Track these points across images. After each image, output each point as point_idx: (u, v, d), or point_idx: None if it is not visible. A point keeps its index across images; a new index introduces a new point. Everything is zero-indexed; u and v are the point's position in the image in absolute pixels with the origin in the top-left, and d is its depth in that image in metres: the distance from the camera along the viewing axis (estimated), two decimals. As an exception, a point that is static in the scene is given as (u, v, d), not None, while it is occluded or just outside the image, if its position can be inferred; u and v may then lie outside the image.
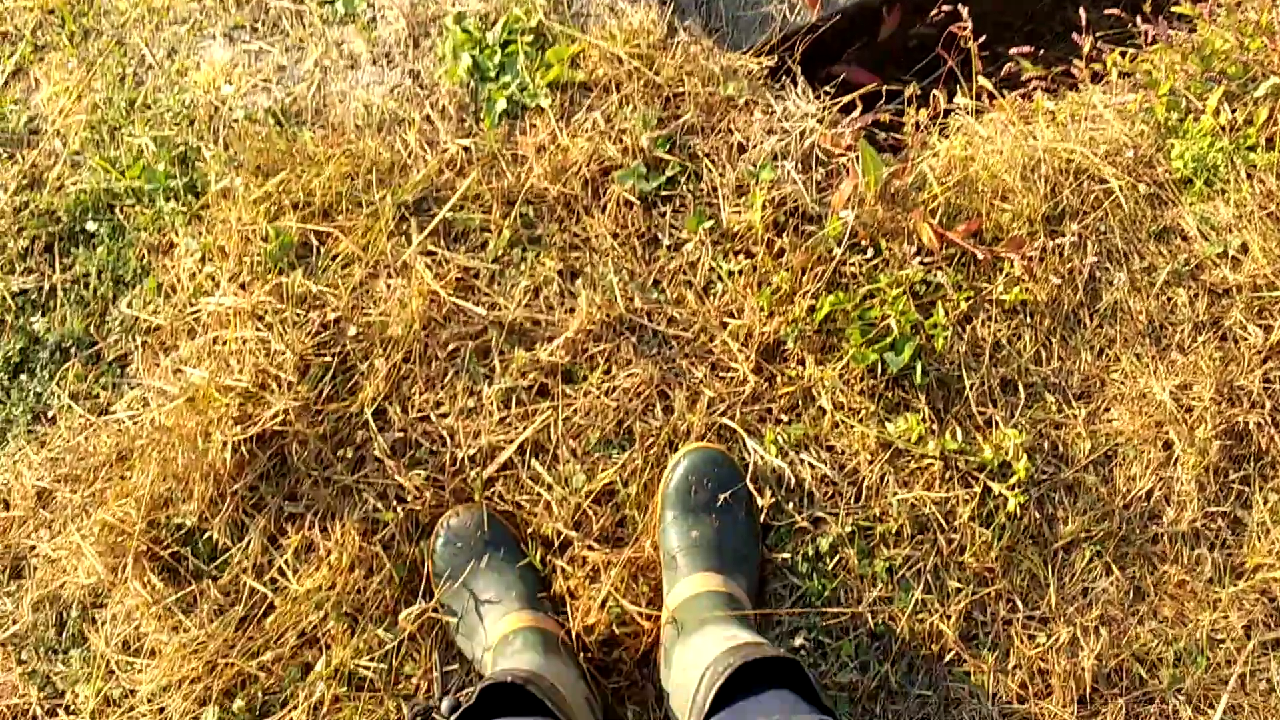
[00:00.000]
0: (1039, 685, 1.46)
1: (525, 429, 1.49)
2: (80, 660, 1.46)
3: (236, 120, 1.64)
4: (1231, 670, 1.48)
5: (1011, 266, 1.55)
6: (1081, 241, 1.61)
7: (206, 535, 1.45)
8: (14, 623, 1.48)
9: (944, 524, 1.47)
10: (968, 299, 1.54)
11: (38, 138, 1.70)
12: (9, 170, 1.67)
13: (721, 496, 1.43)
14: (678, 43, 1.68)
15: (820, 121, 1.63)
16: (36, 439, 1.54)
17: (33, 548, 1.50)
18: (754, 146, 1.63)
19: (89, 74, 1.72)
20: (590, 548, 1.45)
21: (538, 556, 1.46)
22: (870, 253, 1.56)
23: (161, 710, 1.43)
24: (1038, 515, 1.49)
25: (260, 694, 1.42)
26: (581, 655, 1.42)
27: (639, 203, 1.59)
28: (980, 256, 1.54)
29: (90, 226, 1.61)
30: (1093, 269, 1.60)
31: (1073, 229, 1.60)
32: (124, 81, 1.71)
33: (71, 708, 1.45)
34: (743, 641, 1.26)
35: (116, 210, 1.62)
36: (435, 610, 1.43)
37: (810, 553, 1.46)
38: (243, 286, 1.54)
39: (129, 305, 1.58)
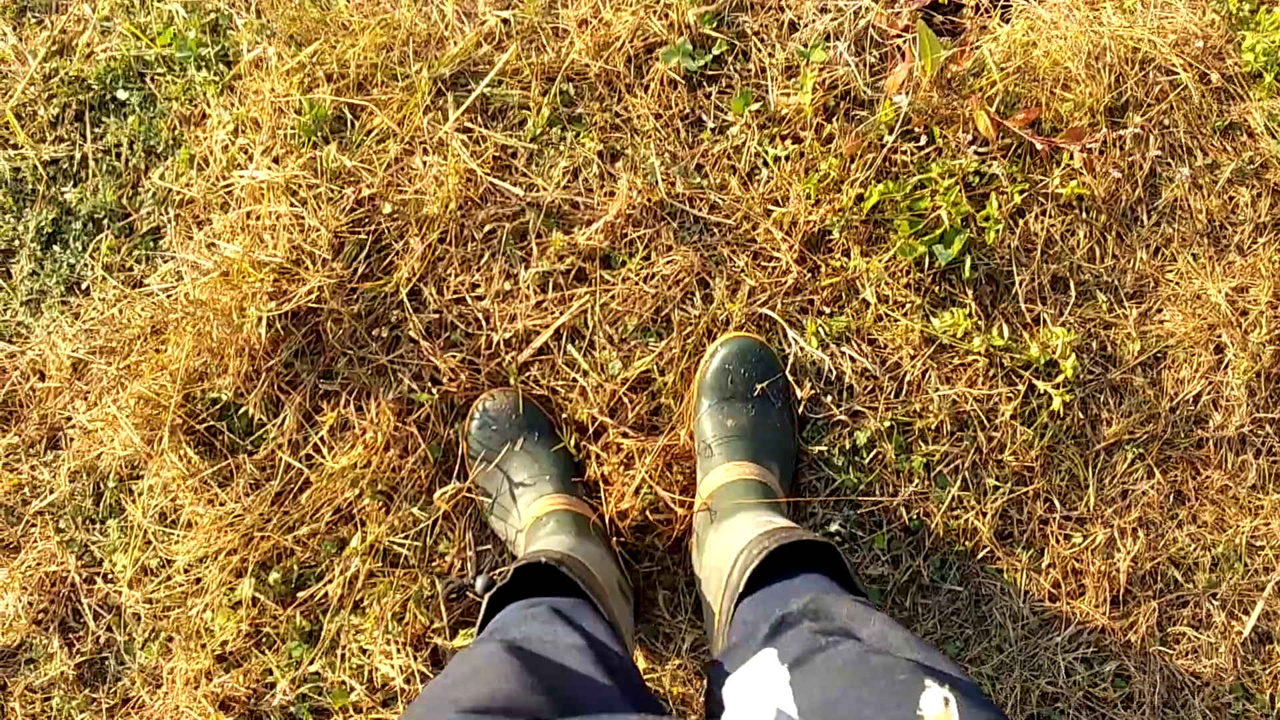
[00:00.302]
0: (1072, 585, 1.46)
1: (562, 314, 1.46)
2: (117, 530, 1.47)
3: (268, -14, 1.59)
4: (1269, 577, 1.47)
5: (1070, 159, 1.49)
6: (1144, 135, 1.54)
7: (242, 410, 1.44)
8: (51, 492, 1.49)
9: (985, 421, 1.45)
10: (1022, 192, 1.49)
11: (66, 3, 1.65)
12: (38, 36, 1.62)
13: (759, 386, 1.40)
14: (728, -87, 1.60)
15: (877, 0, 1.55)
16: (71, 311, 1.53)
17: (69, 419, 1.51)
18: (805, 25, 1.55)
19: (116, -65, 1.65)
20: (625, 435, 1.44)
21: (572, 442, 1.45)
22: (923, 141, 1.50)
23: (198, 581, 1.45)
24: (1081, 416, 1.47)
25: (296, 567, 1.43)
26: (614, 540, 1.42)
27: (683, 82, 1.53)
28: (1038, 147, 1.48)
29: (121, 95, 1.58)
30: (1154, 164, 1.54)
31: (1136, 121, 1.53)
32: (152, -56, 1.65)
33: (109, 576, 1.48)
34: (778, 526, 1.25)
35: (147, 79, 1.58)
36: (469, 491, 1.43)
37: (847, 446, 1.44)
38: (276, 160, 1.50)
39: (161, 177, 1.55)
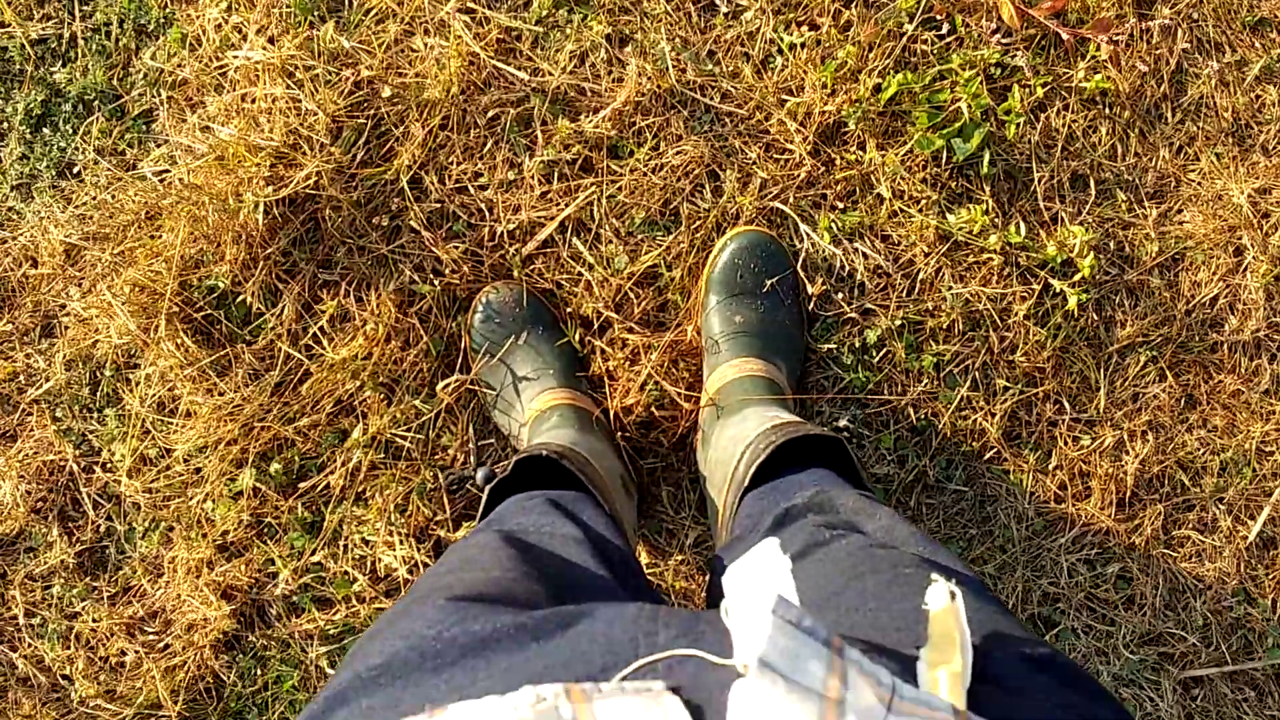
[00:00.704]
0: (1078, 487, 1.45)
1: (567, 205, 1.42)
2: (115, 419, 1.46)
3: None
4: (1277, 483, 1.46)
5: (1097, 50, 1.44)
6: (1172, 28, 1.48)
7: (240, 299, 1.41)
8: (47, 380, 1.47)
9: (998, 321, 1.42)
10: (1045, 85, 1.44)
11: None
12: (19, -94, 1.55)
13: (769, 282, 1.37)
14: None
15: (900, -121, 1.48)
16: (62, 195, 1.49)
17: (63, 306, 1.48)
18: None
19: None
20: (631, 330, 1.42)
21: (576, 336, 1.42)
22: (945, 29, 1.44)
23: (198, 471, 1.43)
24: (1095, 317, 1.44)
25: (297, 458, 1.42)
26: (618, 436, 1.41)
27: (696, -36, 1.47)
28: (1064, 38, 1.42)
29: (108, -31, 1.51)
30: (1181, 59, 1.48)
31: (1164, 13, 1.47)
32: None
33: (108, 465, 1.46)
34: (785, 420, 1.23)
35: (135, -47, 1.52)
36: (472, 384, 1.40)
37: (856, 344, 1.42)
38: (271, 40, 1.44)
39: (152, 57, 1.49)
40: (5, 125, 1.52)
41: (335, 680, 0.63)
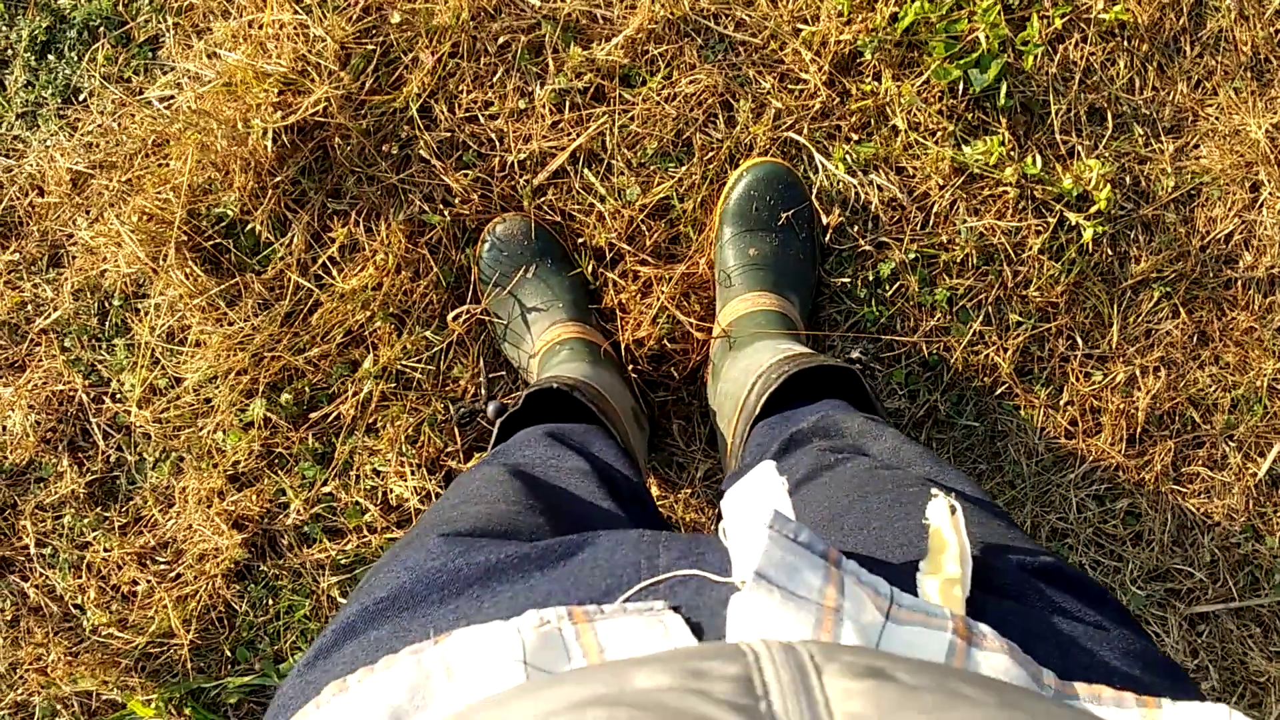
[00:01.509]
0: (1089, 423, 1.45)
1: (578, 135, 1.41)
2: (124, 349, 1.45)
3: None
4: (1287, 419, 1.46)
5: (1117, -21, 1.42)
6: (1194, -41, 1.46)
7: (249, 228, 1.40)
8: (55, 310, 1.46)
9: (1012, 255, 1.41)
10: (1064, 16, 1.42)
11: None
12: None
13: (784, 215, 1.36)
14: None
15: None
16: (68, 123, 1.47)
17: (70, 236, 1.47)
18: None
19: None
20: (643, 262, 1.41)
21: (588, 268, 1.41)
22: (963, -43, 1.42)
23: (208, 401, 1.43)
24: (1110, 252, 1.43)
25: (307, 389, 1.41)
26: (630, 369, 1.40)
27: (711, -109, 1.44)
28: (1084, -34, 1.40)
29: (111, -108, 1.48)
30: (1202, -9, 1.46)
31: (1187, -56, 1.45)
32: None
33: (117, 395, 1.46)
34: (797, 352, 1.23)
35: (139, -125, 1.49)
36: (482, 316, 1.40)
37: (870, 278, 1.41)
38: (279, -36, 1.42)
39: (157, -18, 1.47)
40: (10, 52, 1.50)
41: (343, 613, 0.63)
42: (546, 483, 0.94)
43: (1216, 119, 1.46)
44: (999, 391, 1.44)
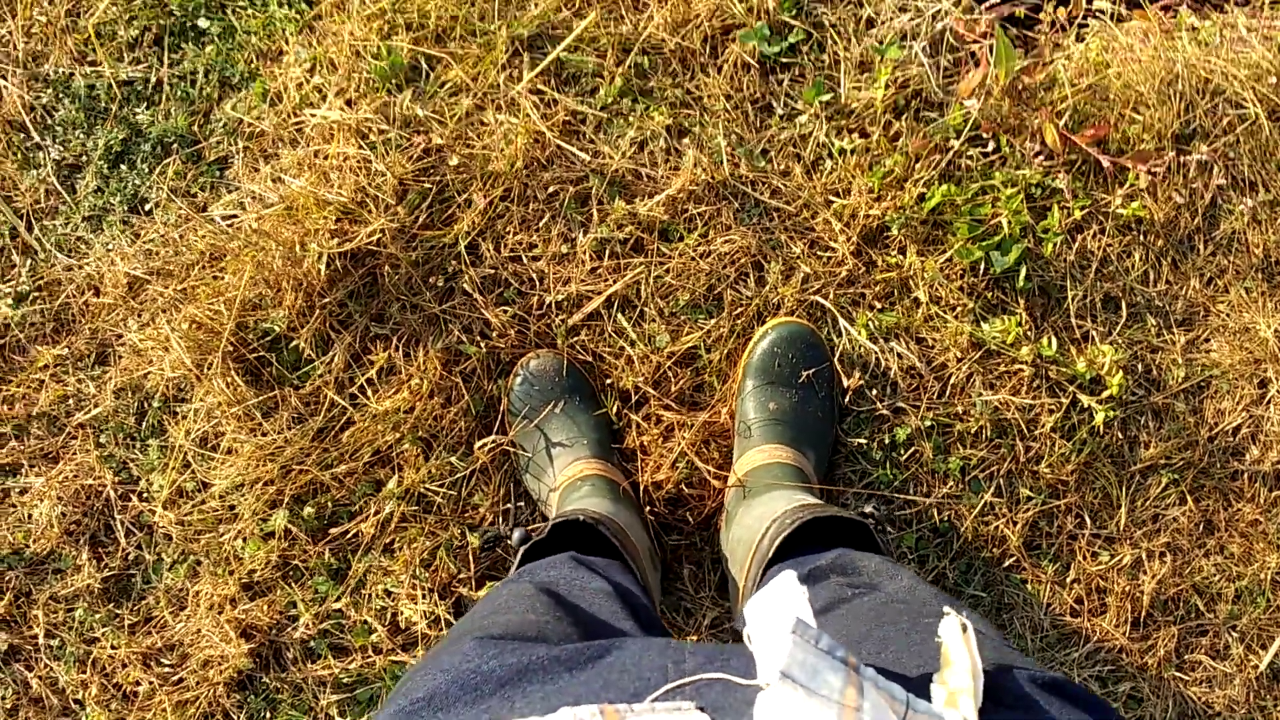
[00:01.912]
0: (1094, 602, 1.46)
1: (615, 281, 1.47)
2: (157, 450, 1.49)
3: (358, -69, 1.60)
4: (1291, 614, 1.47)
5: (1135, 179, 1.50)
6: (1209, 165, 1.54)
7: (293, 344, 1.46)
8: (95, 406, 1.51)
9: (1025, 431, 1.45)
10: (1083, 208, 1.50)
11: (155, -72, 1.67)
12: (123, -42, 1.64)
13: (805, 373, 1.41)
14: (818, -95, 1.61)
15: (957, 5, 1.56)
16: (132, 230, 1.55)
17: (119, 336, 1.52)
18: (883, 23, 1.56)
19: None
20: (667, 407, 1.45)
21: (613, 408, 1.46)
22: (990, 147, 1.51)
23: (232, 508, 1.46)
24: (1120, 435, 1.47)
25: (330, 504, 1.44)
26: (647, 510, 1.43)
27: (757, 66, 1.54)
28: (1104, 165, 1.49)
29: (202, 24, 1.59)
30: (1216, 194, 1.54)
31: (1202, 150, 1.54)
32: (246, -121, 1.66)
33: (145, 495, 1.49)
34: (812, 502, 1.26)
35: (229, 10, 1.60)
36: (508, 446, 1.44)
37: (886, 441, 1.45)
38: (349, 103, 1.52)
39: (233, 108, 1.56)
40: (85, 159, 1.59)
41: (379, 716, 0.66)
42: (571, 600, 0.97)
43: (1227, 315, 1.52)
44: (1007, 564, 1.46)
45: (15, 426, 1.51)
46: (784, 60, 1.55)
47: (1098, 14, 1.66)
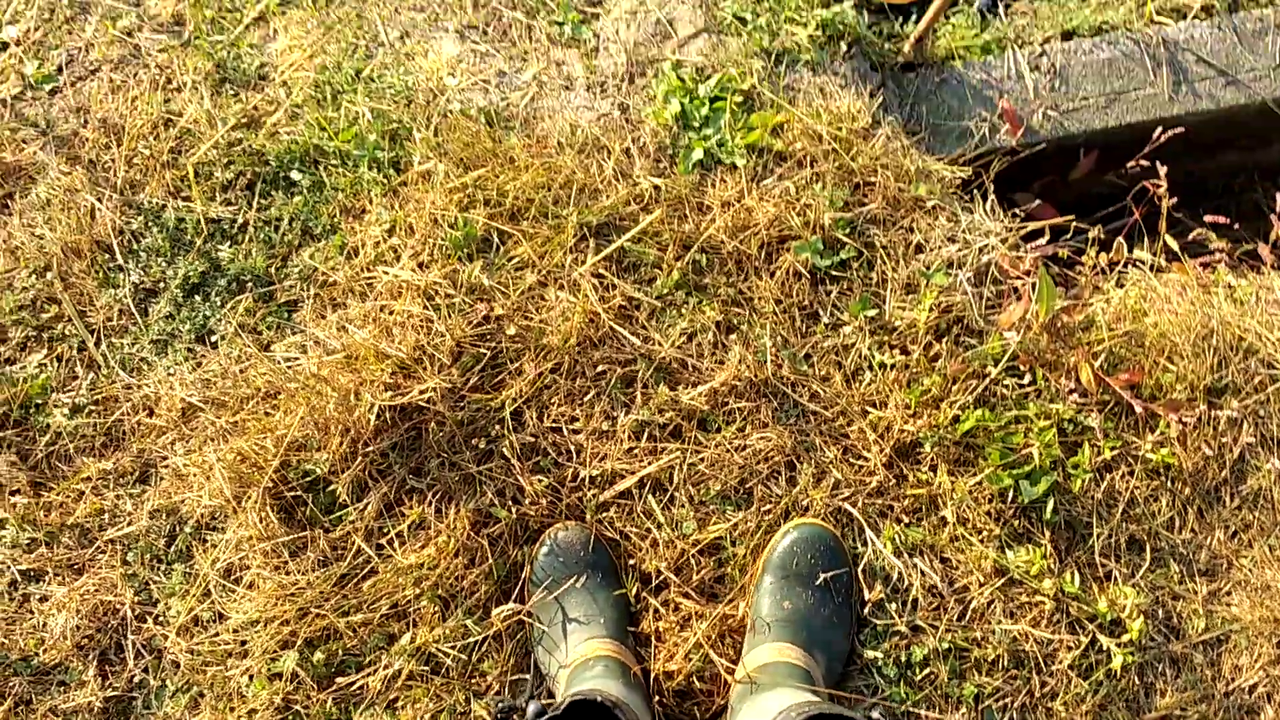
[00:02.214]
0: None
1: (650, 464, 1.51)
2: (181, 576, 1.51)
3: (452, 111, 1.72)
4: None
5: (1166, 427, 1.54)
6: (1239, 421, 1.58)
7: (330, 488, 1.49)
8: (129, 524, 1.54)
9: (1042, 665, 1.44)
10: (1114, 448, 1.53)
11: (265, 84, 1.80)
12: (231, 106, 1.77)
13: (823, 576, 1.43)
14: (879, 135, 1.72)
15: (1003, 241, 1.65)
16: (195, 358, 1.62)
17: (165, 458, 1.57)
18: (931, 250, 1.65)
19: (325, 37, 1.82)
20: (686, 595, 1.46)
21: (633, 590, 1.47)
22: (1026, 379, 1.56)
23: (244, 644, 1.46)
24: (1137, 680, 1.46)
25: (341, 652, 1.45)
26: (655, 699, 1.42)
27: (808, 276, 1.62)
28: (1136, 410, 1.53)
29: (294, 175, 1.70)
30: (1244, 450, 1.57)
31: (1233, 405, 1.58)
32: (355, 52, 1.80)
33: (161, 618, 1.50)
34: (819, 700, 1.25)
35: (321, 166, 1.71)
36: (526, 616, 1.44)
37: (902, 659, 1.45)
38: (421, 265, 1.60)
39: (311, 256, 1.65)
40: (162, 285, 1.67)
41: None
42: None
43: (1250, 570, 1.53)
44: (1013, 800, 1.42)
45: (48, 533, 1.54)
46: (834, 273, 1.63)
47: (1138, 263, 1.74)
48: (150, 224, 1.70)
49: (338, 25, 1.83)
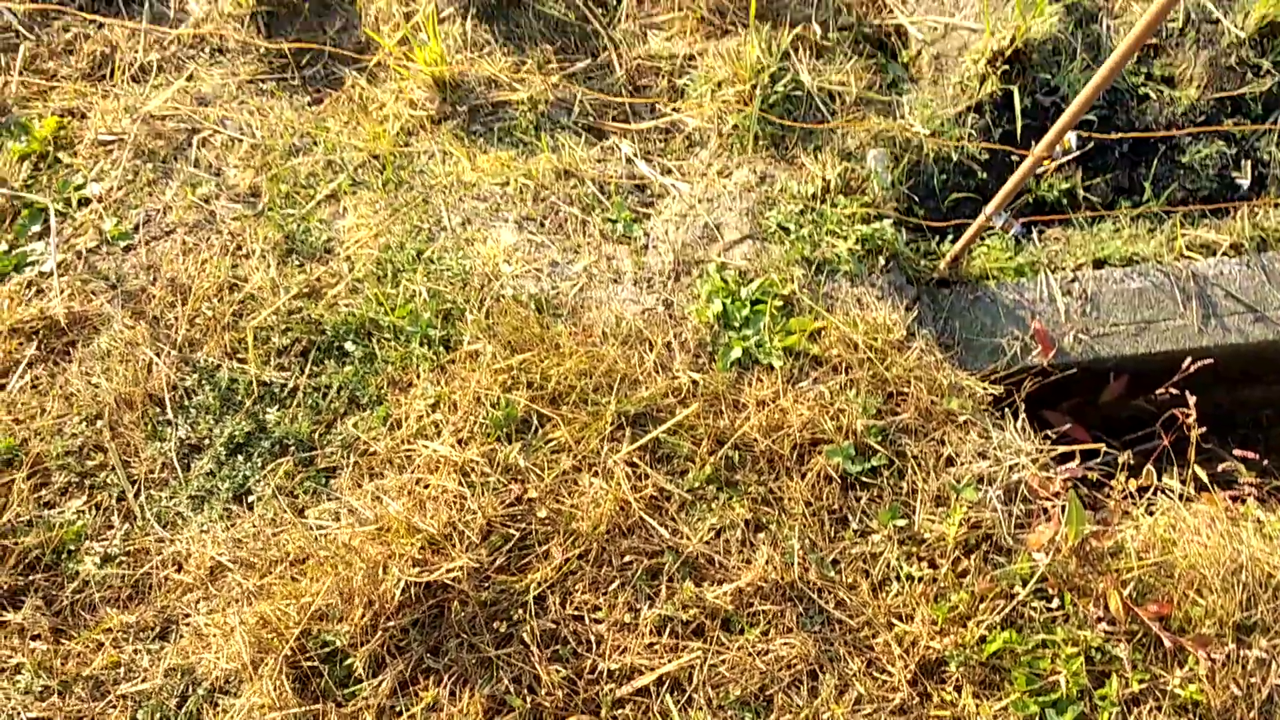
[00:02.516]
0: None
1: (670, 661, 1.50)
2: (187, 739, 1.49)
3: (504, 296, 1.80)
4: None
5: (1196, 663, 1.51)
6: (1268, 660, 1.55)
7: (348, 661, 1.48)
8: (143, 681, 1.53)
9: None
10: (1141, 681, 1.50)
11: (329, 257, 1.89)
12: (295, 276, 1.86)
13: (844, 798, 1.39)
14: (914, 347, 1.77)
15: (1034, 461, 1.67)
16: (230, 517, 1.64)
17: (187, 616, 1.57)
18: (962, 464, 1.67)
19: (392, 218, 1.92)
20: (698, 803, 1.42)
21: (645, 794, 1.43)
22: (1054, 603, 1.55)
23: (242, 817, 1.43)
24: None
25: (341, 836, 1.41)
26: None
27: (839, 480, 1.64)
28: (1165, 642, 1.51)
29: (347, 346, 1.77)
30: (1273, 691, 1.54)
31: (1261, 645, 1.55)
32: (419, 234, 1.90)
33: (161, 782, 1.47)
34: None
35: (374, 339, 1.78)
36: (532, 813, 1.41)
37: None
38: (461, 441, 1.64)
39: (355, 425, 1.70)
40: (207, 442, 1.71)
41: None
42: None
43: (1285, 825, 1.47)
44: None
45: (62, 682, 1.53)
46: (865, 479, 1.65)
47: (1167, 491, 1.74)
48: (204, 382, 1.76)
49: (404, 208, 1.94)
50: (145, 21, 2.23)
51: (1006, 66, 2.07)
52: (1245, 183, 2.13)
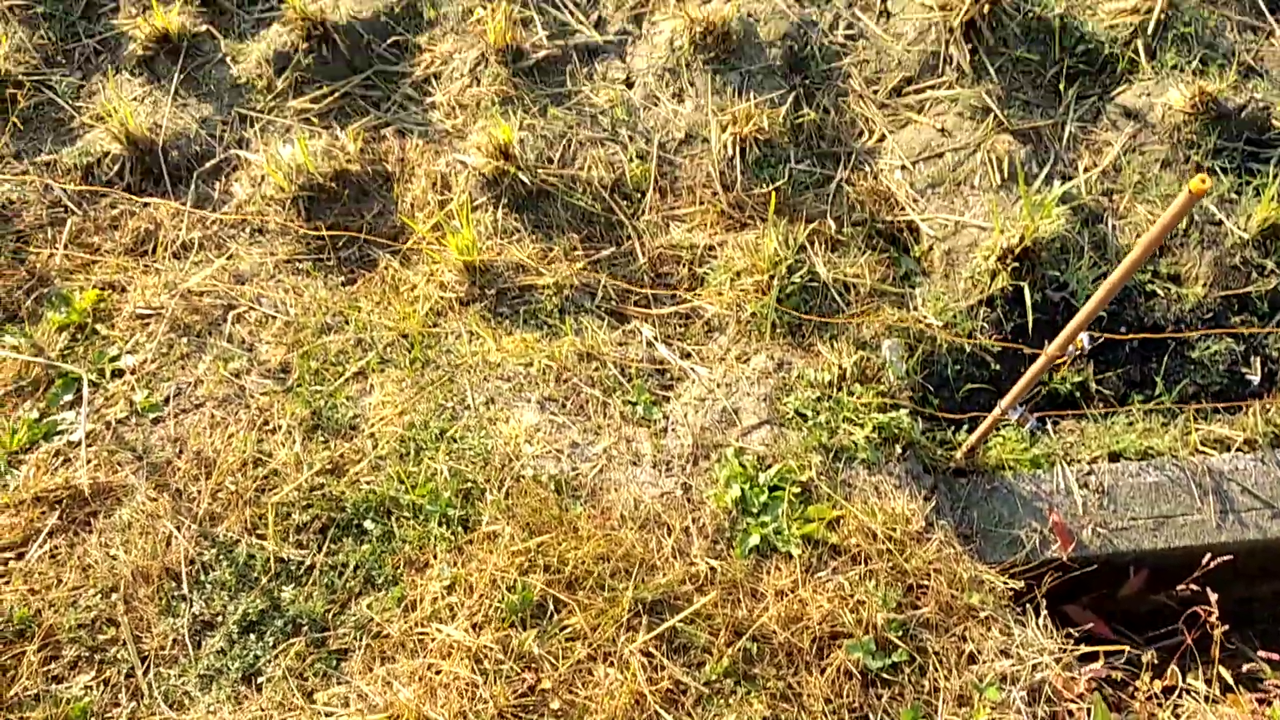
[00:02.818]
0: None
1: None
2: None
3: (524, 476, 1.82)
4: None
5: None
6: None
7: None
8: None
9: None
10: None
11: (354, 434, 1.93)
12: (320, 452, 1.89)
13: None
14: (933, 539, 1.77)
15: (1057, 660, 1.64)
16: (237, 699, 1.61)
17: (186, 804, 1.52)
18: (985, 662, 1.64)
19: (417, 396, 1.96)
20: None
21: None
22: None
23: None
24: None
25: None
26: None
27: (859, 676, 1.61)
28: None
29: (367, 524, 1.78)
30: None
31: None
32: (443, 412, 1.94)
33: None
34: None
35: (393, 517, 1.79)
36: None
37: None
38: (475, 626, 1.62)
39: (369, 606, 1.69)
40: (220, 619, 1.70)
41: None
42: None
43: None
44: None
45: None
46: (885, 676, 1.62)
47: (1192, 693, 1.70)
48: (222, 557, 1.76)
49: (430, 386, 1.98)
50: (190, 204, 2.34)
51: (1016, 263, 2.14)
52: (1256, 379, 2.17)
